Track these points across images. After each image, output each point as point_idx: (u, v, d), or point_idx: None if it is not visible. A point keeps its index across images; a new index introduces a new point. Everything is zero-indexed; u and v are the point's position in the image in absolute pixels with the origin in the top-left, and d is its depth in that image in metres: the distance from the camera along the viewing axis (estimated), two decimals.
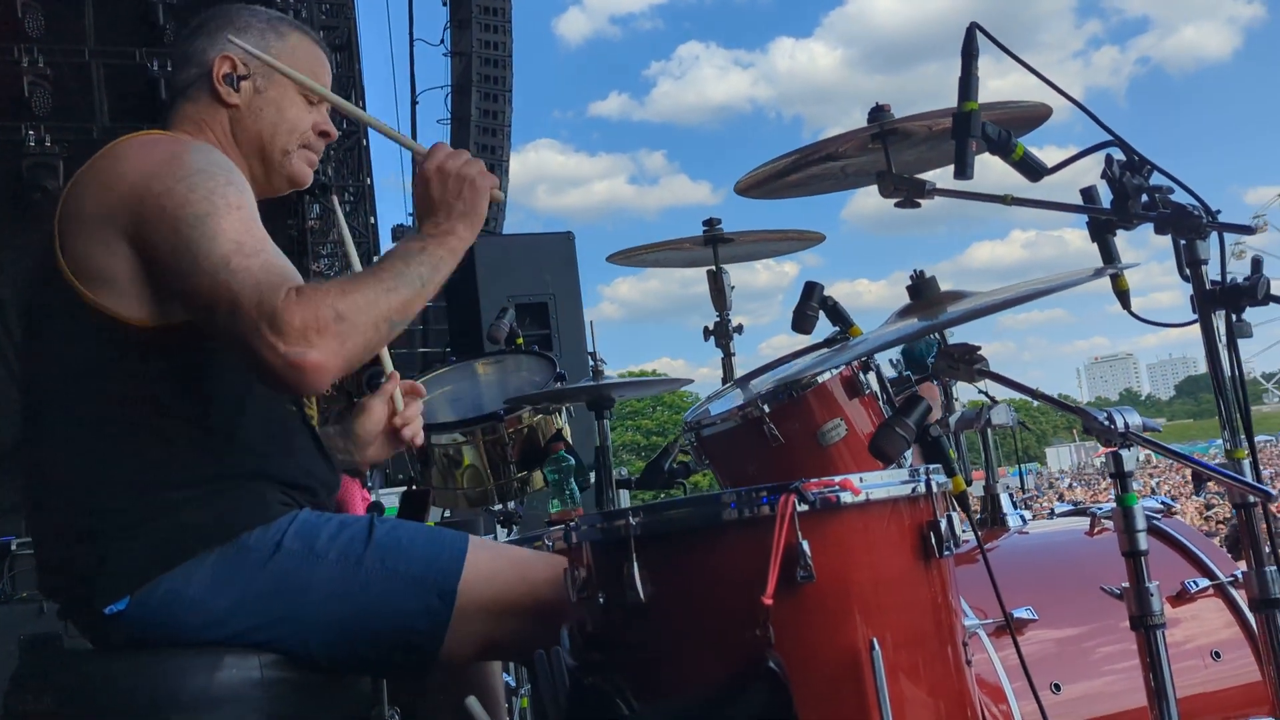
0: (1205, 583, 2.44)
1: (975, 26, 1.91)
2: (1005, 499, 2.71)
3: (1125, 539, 1.82)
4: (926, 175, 2.15)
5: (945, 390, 2.66)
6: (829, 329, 2.86)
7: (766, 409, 2.48)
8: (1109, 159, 1.92)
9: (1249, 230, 1.95)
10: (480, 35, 12.64)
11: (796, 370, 2.73)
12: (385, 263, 1.99)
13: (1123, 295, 2.06)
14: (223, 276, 1.83)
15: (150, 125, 2.22)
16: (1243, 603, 2.38)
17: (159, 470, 1.97)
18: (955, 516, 1.79)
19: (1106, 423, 1.80)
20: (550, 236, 9.77)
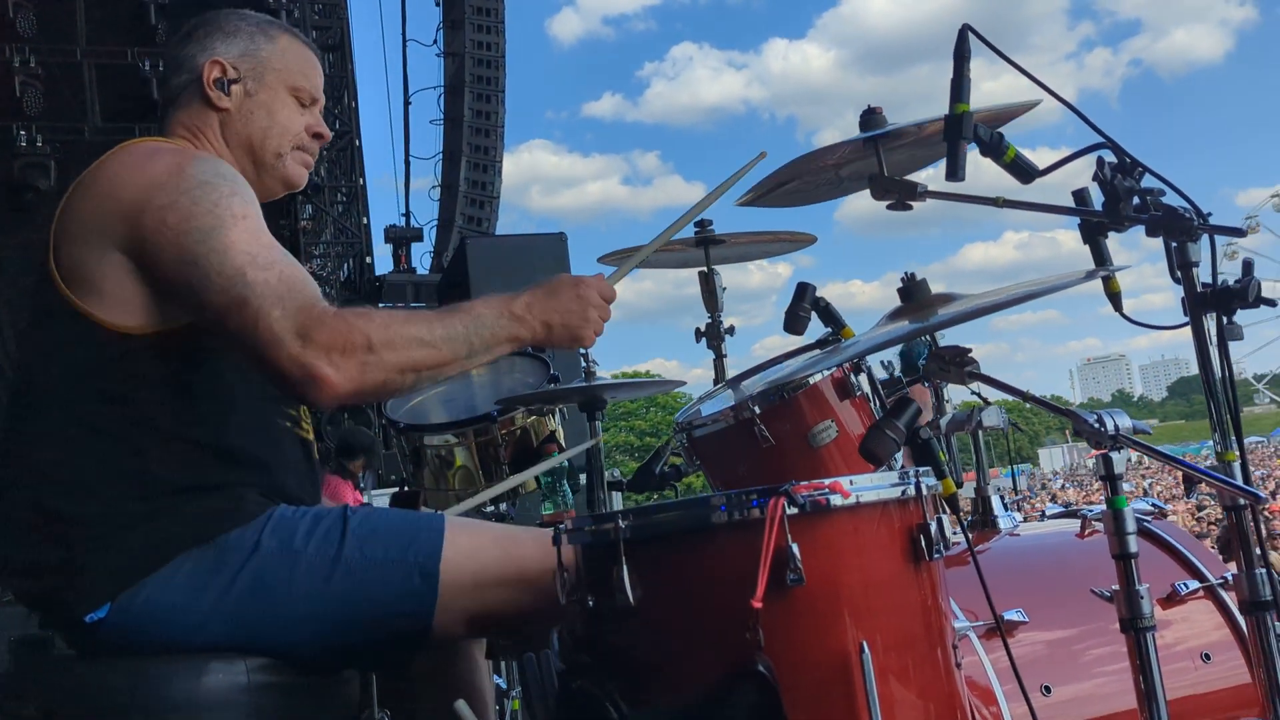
0: (1196, 585, 2.44)
1: (967, 28, 1.91)
2: (996, 501, 2.70)
3: (1115, 542, 1.82)
4: (918, 176, 2.15)
5: (936, 392, 2.65)
6: (821, 330, 2.86)
7: (758, 410, 2.48)
8: (1100, 161, 1.92)
9: (1240, 233, 1.95)
10: (473, 36, 12.67)
11: (788, 372, 2.73)
12: (450, 316, 1.99)
13: (1114, 297, 2.06)
14: (239, 291, 1.84)
15: (143, 125, 2.22)
16: (1233, 605, 2.38)
17: (139, 478, 1.96)
18: (945, 519, 1.79)
19: (1096, 425, 1.80)
20: (543, 237, 9.76)
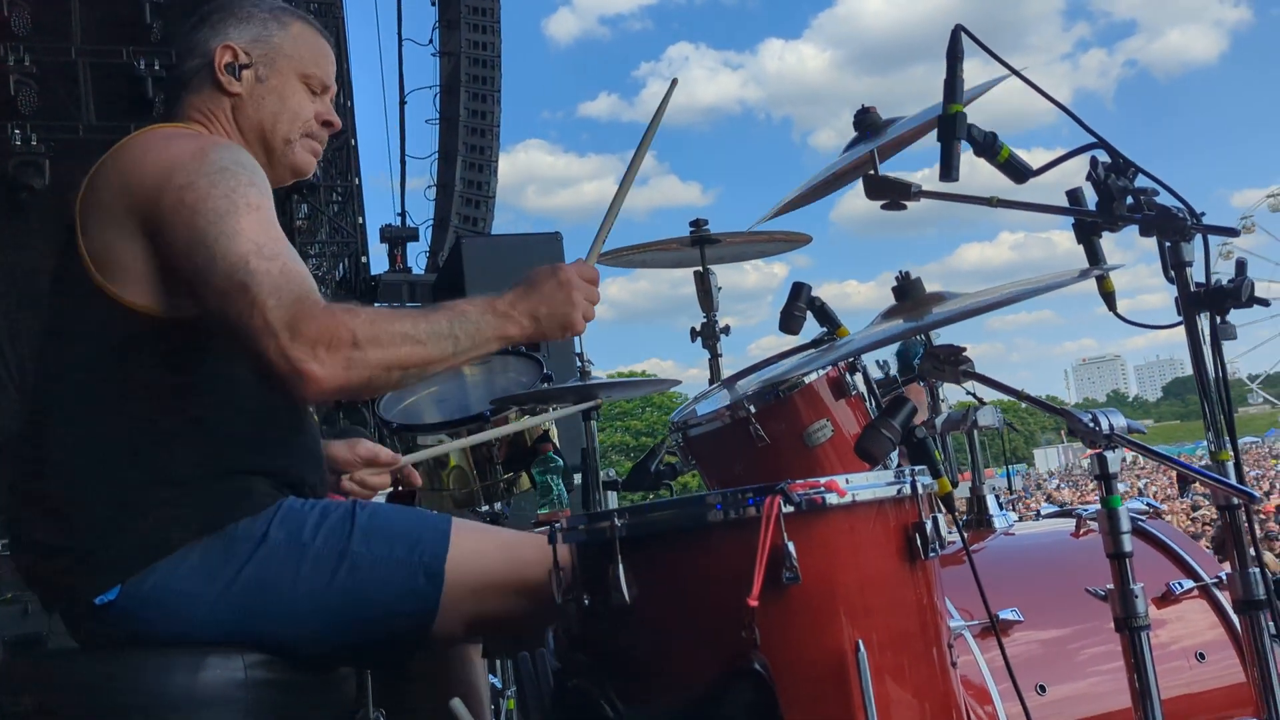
0: (1190, 584, 2.44)
1: (960, 29, 1.91)
2: (991, 500, 2.71)
3: (1110, 541, 1.82)
4: (913, 175, 2.15)
5: (932, 392, 2.66)
6: (817, 330, 2.86)
7: (753, 409, 2.48)
8: (1094, 161, 1.93)
9: (1233, 232, 1.95)
10: (469, 35, 12.64)
11: (783, 371, 2.73)
12: (435, 313, 1.98)
13: (1108, 297, 2.06)
14: (240, 277, 1.84)
15: (138, 124, 2.22)
16: (1227, 604, 2.39)
17: (154, 462, 1.97)
18: (941, 518, 1.79)
19: (1091, 425, 1.80)
20: (539, 237, 9.76)
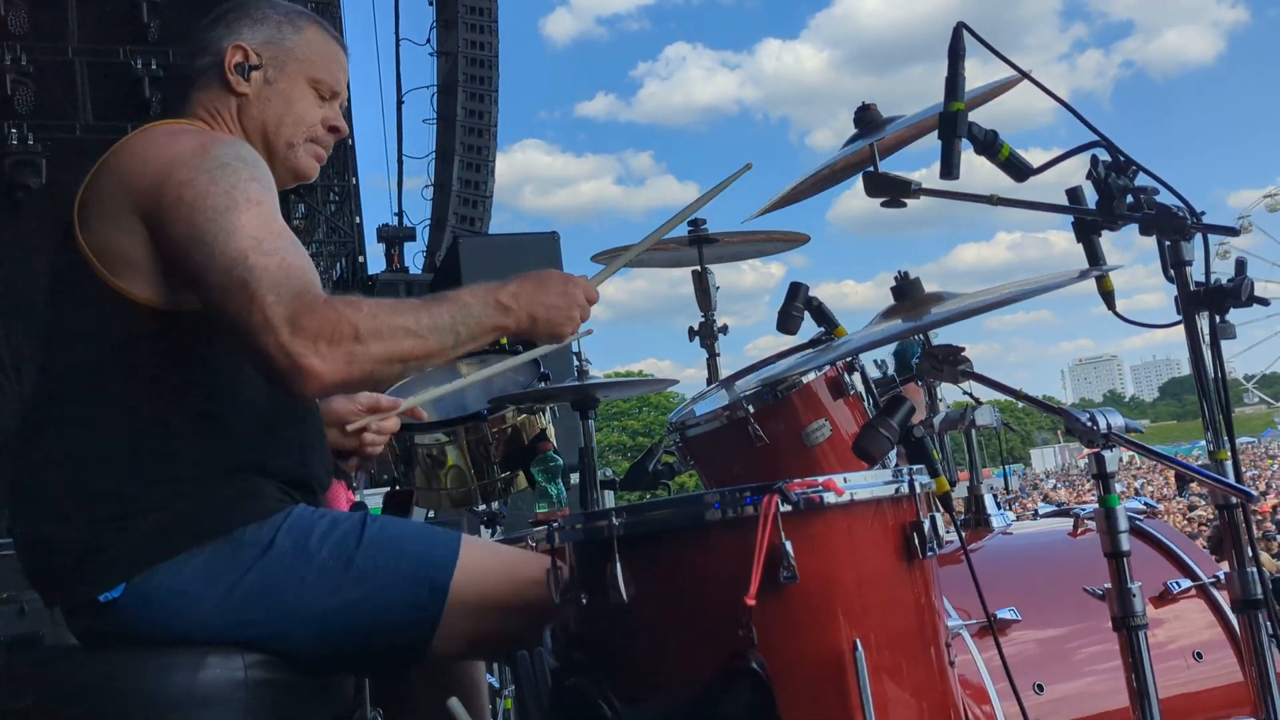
0: (1187, 583, 2.44)
1: (962, 26, 1.91)
2: (989, 500, 2.71)
3: (1107, 540, 1.82)
4: (912, 173, 2.15)
5: (930, 391, 2.66)
6: (814, 330, 2.86)
7: (751, 409, 2.48)
8: (1094, 160, 1.93)
9: (1233, 231, 1.95)
10: (466, 35, 12.63)
11: (781, 371, 2.73)
12: (437, 305, 1.98)
13: (1107, 296, 2.06)
14: (239, 273, 1.83)
15: (135, 123, 2.21)
16: (1225, 603, 2.39)
17: (161, 459, 1.96)
18: (939, 517, 1.79)
19: (1089, 424, 1.80)
20: (536, 237, 9.76)
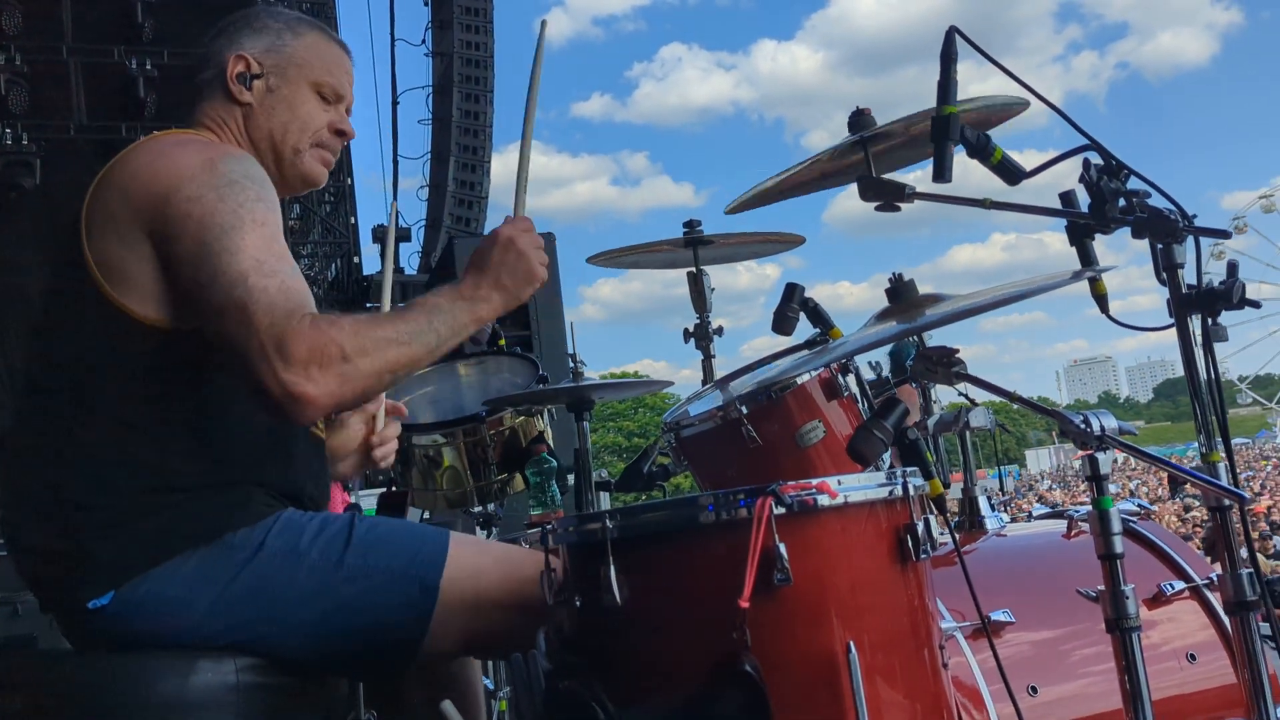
0: (1181, 585, 2.44)
1: (954, 30, 1.91)
2: (983, 501, 2.71)
3: (1101, 542, 1.82)
4: (907, 177, 2.16)
5: (924, 393, 2.66)
6: (810, 331, 2.86)
7: (745, 410, 2.48)
8: (1086, 163, 1.93)
9: (1225, 234, 1.96)
10: (462, 35, 12.64)
11: (776, 372, 2.73)
12: (410, 312, 1.99)
13: (1100, 299, 2.07)
14: (238, 293, 1.84)
15: (129, 124, 2.21)
16: (1218, 605, 2.39)
17: (153, 470, 1.96)
18: (932, 519, 1.79)
19: (1082, 426, 1.80)
20: None
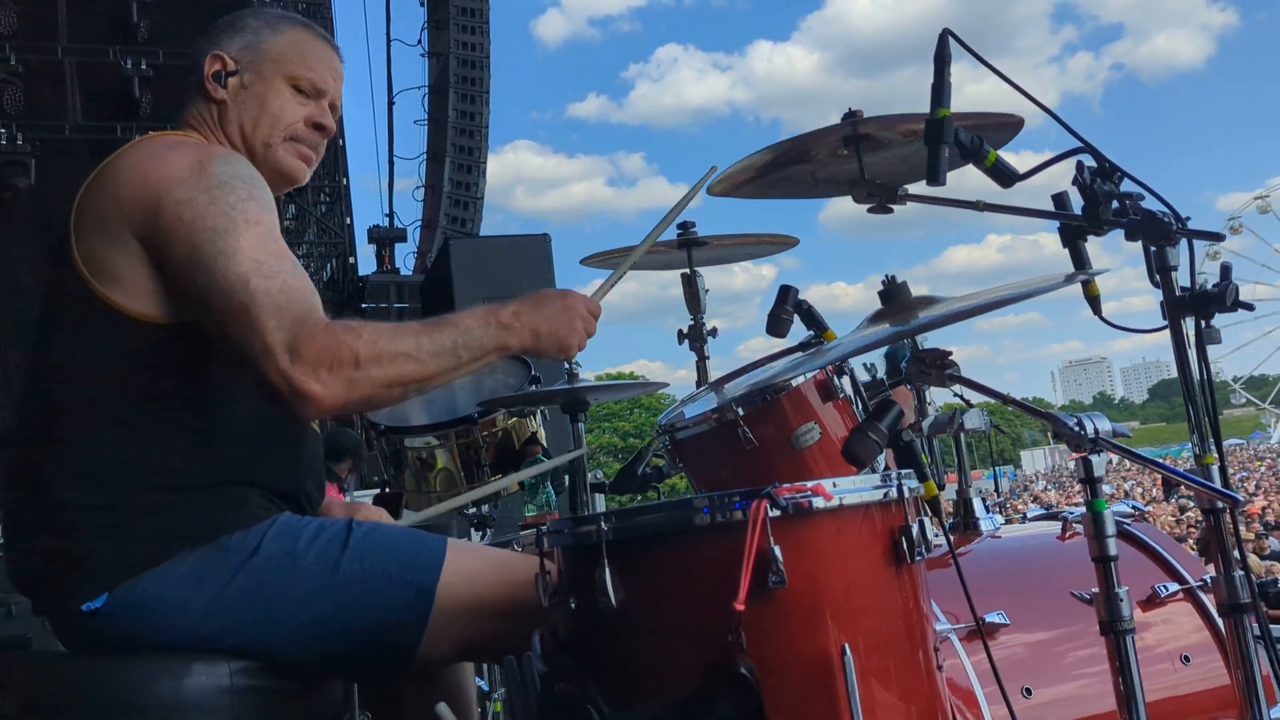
0: (1175, 587, 2.44)
1: (947, 33, 1.91)
2: (978, 503, 2.71)
3: (1095, 545, 1.82)
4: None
5: (919, 395, 2.66)
6: (804, 333, 2.86)
7: (741, 412, 2.48)
8: (1080, 165, 1.93)
9: (1218, 237, 1.96)
10: (458, 36, 12.63)
11: (771, 374, 2.73)
12: (437, 330, 1.98)
13: (1094, 300, 2.07)
14: (240, 297, 1.84)
15: (124, 124, 2.22)
16: (1212, 607, 2.39)
17: (149, 471, 1.96)
18: (927, 521, 1.79)
19: (1076, 428, 1.81)
20: (527, 238, 9.74)
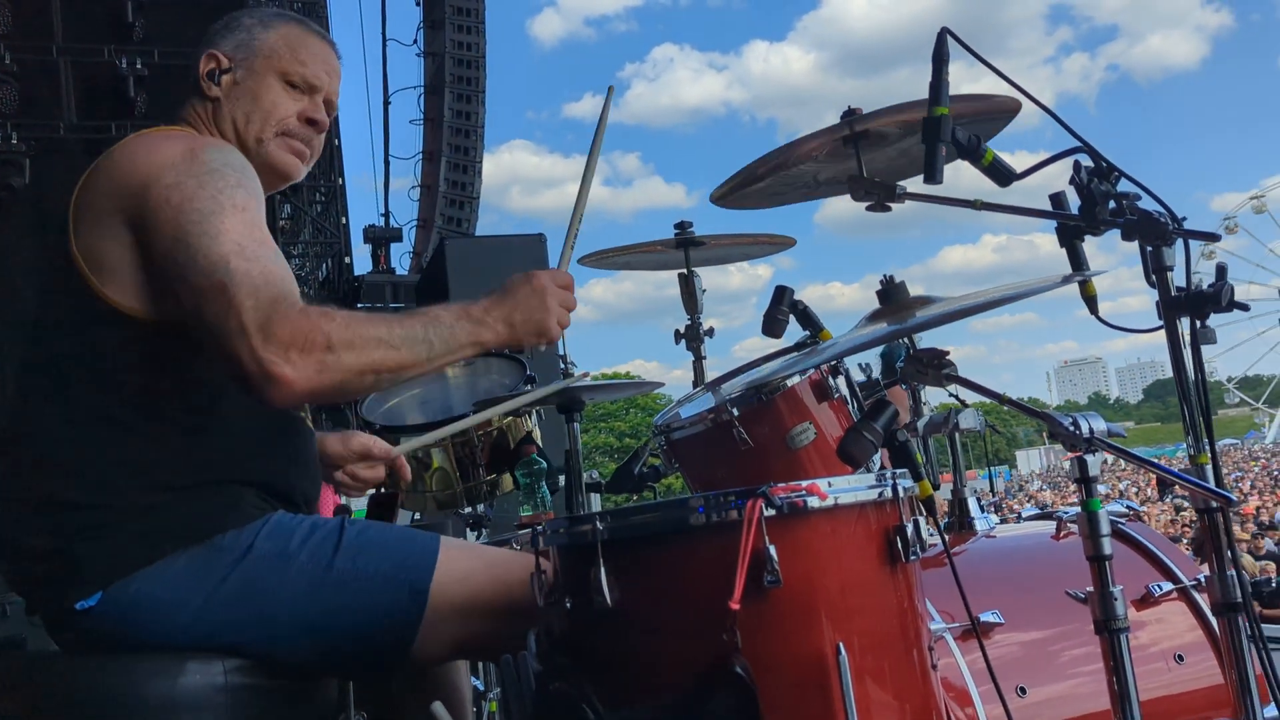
0: (1169, 586, 2.45)
1: (946, 31, 1.92)
2: (973, 503, 2.72)
3: (1089, 544, 1.83)
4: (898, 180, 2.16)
5: (914, 395, 2.66)
6: (800, 333, 2.86)
7: (736, 412, 2.48)
8: (1077, 165, 1.94)
9: (1214, 238, 1.97)
10: (453, 36, 12.61)
11: (766, 374, 2.73)
12: (409, 318, 1.98)
13: (1090, 300, 2.07)
14: (219, 277, 1.83)
15: (120, 123, 2.23)
16: (1206, 606, 2.40)
17: (143, 469, 1.96)
18: (922, 521, 1.80)
19: (1071, 428, 1.81)
20: (522, 238, 9.70)
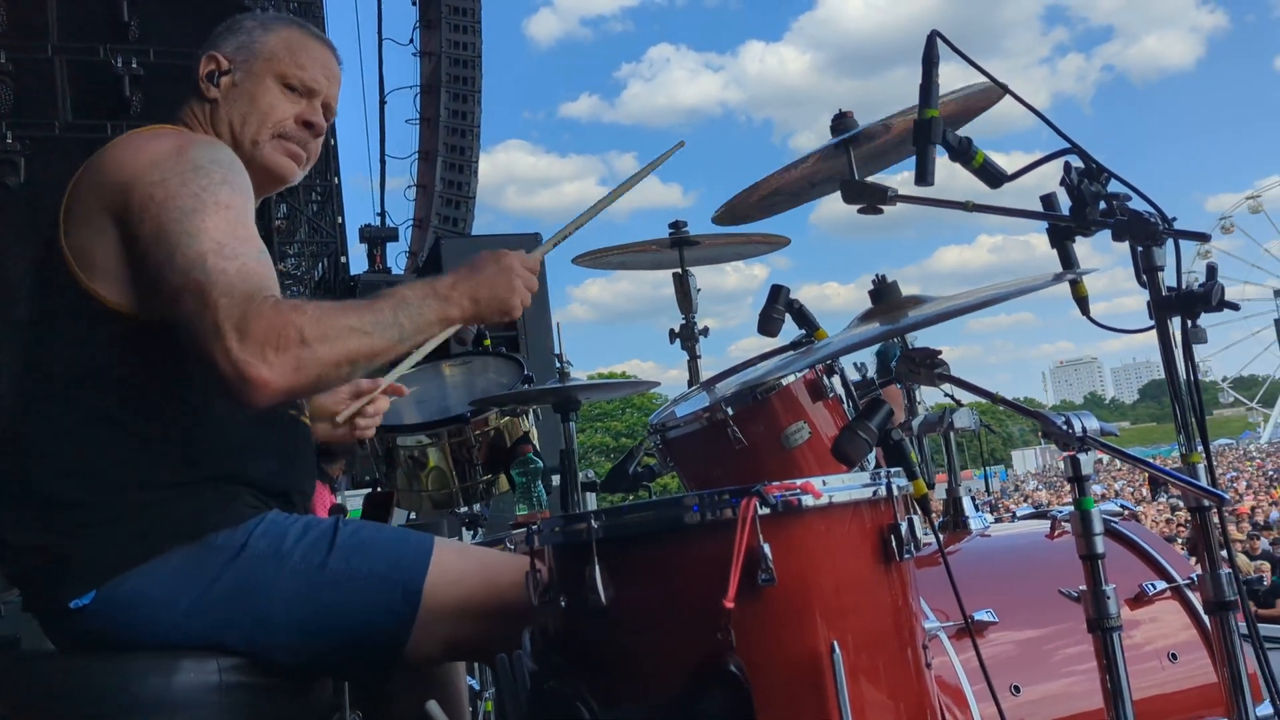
0: (1163, 585, 2.46)
1: (936, 34, 1.92)
2: (967, 502, 2.72)
3: (1082, 543, 1.84)
4: (891, 179, 2.17)
5: (909, 394, 2.67)
6: (795, 332, 2.87)
7: (731, 412, 2.49)
8: (1067, 166, 1.94)
9: (1205, 238, 1.98)
10: (449, 35, 12.62)
11: (761, 373, 2.74)
12: (377, 303, 1.98)
13: (1081, 301, 2.08)
14: (195, 275, 1.83)
15: (115, 122, 2.23)
16: (1199, 605, 2.41)
17: (137, 468, 1.96)
18: (916, 519, 1.80)
19: (1064, 427, 1.82)
20: (518, 238, 9.71)
